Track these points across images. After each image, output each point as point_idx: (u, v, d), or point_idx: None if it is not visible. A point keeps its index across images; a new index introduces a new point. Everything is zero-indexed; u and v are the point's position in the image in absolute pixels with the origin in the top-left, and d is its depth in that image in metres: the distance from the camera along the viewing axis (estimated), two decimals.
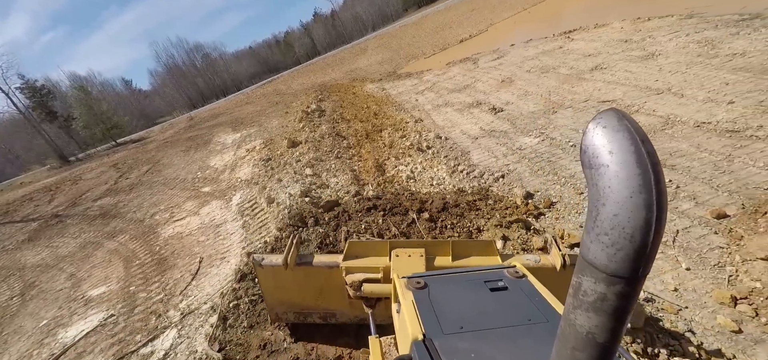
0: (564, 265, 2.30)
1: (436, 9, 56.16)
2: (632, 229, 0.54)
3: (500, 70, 12.04)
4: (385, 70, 23.24)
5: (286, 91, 27.75)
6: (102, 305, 4.78)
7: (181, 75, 73.10)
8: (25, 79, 35.62)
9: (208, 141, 15.04)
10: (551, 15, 21.46)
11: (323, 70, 35.80)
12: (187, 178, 9.86)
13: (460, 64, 16.29)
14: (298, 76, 38.99)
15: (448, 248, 2.44)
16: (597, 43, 10.99)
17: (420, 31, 35.57)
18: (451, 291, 1.53)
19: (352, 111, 12.31)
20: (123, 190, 11.08)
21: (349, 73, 27.18)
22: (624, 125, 0.55)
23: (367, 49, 38.89)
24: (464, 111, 9.38)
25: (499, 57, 14.24)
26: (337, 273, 2.63)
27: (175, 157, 13.87)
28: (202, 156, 12.07)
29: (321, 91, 19.10)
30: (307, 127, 10.32)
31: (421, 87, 14.14)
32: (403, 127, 9.17)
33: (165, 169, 12.06)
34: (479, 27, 26.78)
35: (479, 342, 1.23)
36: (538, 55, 12.19)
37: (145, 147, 21.38)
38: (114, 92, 65.40)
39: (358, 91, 18.10)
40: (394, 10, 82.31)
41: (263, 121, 15.20)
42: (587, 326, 0.64)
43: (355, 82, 22.42)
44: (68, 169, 22.90)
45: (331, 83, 23.81)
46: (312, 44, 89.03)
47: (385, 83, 18.00)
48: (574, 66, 9.70)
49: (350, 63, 32.99)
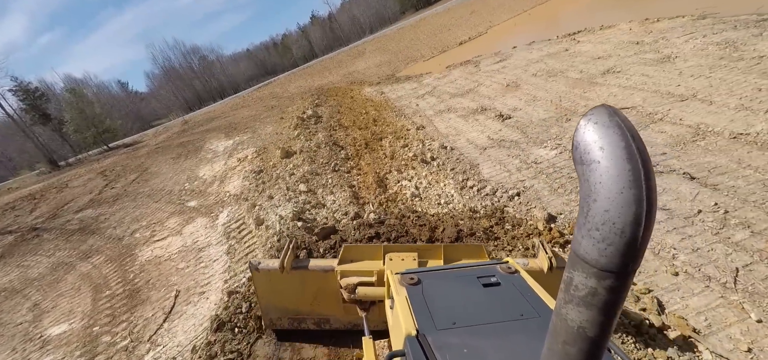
0: (551, 267, 2.39)
1: (434, 11, 55.64)
2: (623, 224, 0.54)
3: (504, 74, 11.51)
4: (383, 73, 22.70)
5: (282, 94, 27.15)
6: (58, 352, 4.15)
7: (177, 77, 72.16)
8: (17, 81, 34.84)
9: (200, 148, 14.40)
10: (552, 17, 21.01)
11: (321, 73, 35.23)
12: (173, 189, 9.24)
13: (461, 67, 15.77)
14: (295, 79, 38.38)
15: (440, 252, 2.49)
16: (606, 45, 10.48)
17: (418, 34, 35.07)
18: (444, 287, 1.51)
19: (350, 117, 11.73)
20: (106, 202, 10.43)
21: (347, 76, 26.62)
22: (615, 122, 0.56)
23: (365, 51, 38.35)
24: (469, 117, 8.83)
25: (502, 60, 13.73)
26: (332, 278, 2.66)
27: (165, 164, 13.22)
28: (192, 165, 11.45)
29: (318, 95, 18.51)
30: (303, 135, 9.70)
31: (421, 91, 13.59)
32: (404, 135, 8.59)
33: (152, 179, 11.43)
34: (478, 29, 26.32)
35: (472, 337, 1.22)
36: (543, 57, 11.67)
37: (137, 152, 20.68)
38: (110, 95, 64.53)
39: (356, 94, 17.53)
40: (391, 12, 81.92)
41: (257, 127, 14.59)
42: (578, 321, 0.64)
43: (352, 85, 21.87)
44: (58, 175, 22.15)
45: (329, 86, 23.24)
46: (309, 47, 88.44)
47: (384, 87, 17.45)
48: (584, 69, 9.18)
49: (348, 66, 32.44)
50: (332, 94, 18.85)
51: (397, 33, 45.71)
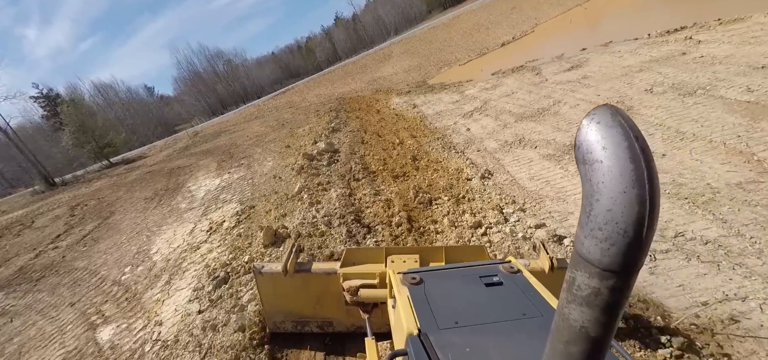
0: (552, 267, 2.42)
1: (468, 8, 51.53)
2: (626, 224, 0.53)
3: (592, 88, 8.28)
4: (413, 80, 19.80)
5: (299, 103, 24.72)
6: None
7: (200, 82, 71.85)
8: (39, 88, 34.45)
9: (181, 185, 11.45)
10: (616, 13, 17.33)
11: (343, 79, 32.66)
12: (108, 276, 6.20)
13: (514, 74, 12.61)
14: (315, 86, 36.03)
15: (442, 254, 2.47)
16: (760, 48, 7.06)
17: (451, 34, 31.82)
18: (446, 286, 1.51)
19: (379, 150, 8.71)
20: (28, 278, 7.31)
21: (372, 82, 23.86)
22: (618, 121, 0.55)
23: (392, 54, 35.46)
24: (564, 159, 5.73)
25: (576, 66, 10.46)
26: (335, 280, 2.65)
27: (132, 210, 10.36)
28: (157, 221, 8.52)
29: (337, 110, 15.73)
30: (306, 193, 6.32)
31: (466, 107, 10.56)
32: (467, 195, 5.52)
33: (103, 238, 8.46)
34: (522, 28, 22.90)
35: (474, 336, 1.20)
36: (650, 64, 8.34)
37: (127, 175, 18.12)
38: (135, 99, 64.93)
39: (382, 107, 14.70)
40: (417, 12, 78.74)
41: (256, 157, 11.70)
42: (581, 320, 0.63)
43: (378, 93, 19.07)
44: (51, 195, 20.00)
45: (351, 96, 20.56)
46: (333, 49, 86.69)
47: (416, 97, 14.52)
48: (752, 86, 5.84)
49: (373, 71, 29.67)
50: (354, 108, 16.06)
51: (427, 33, 42.47)
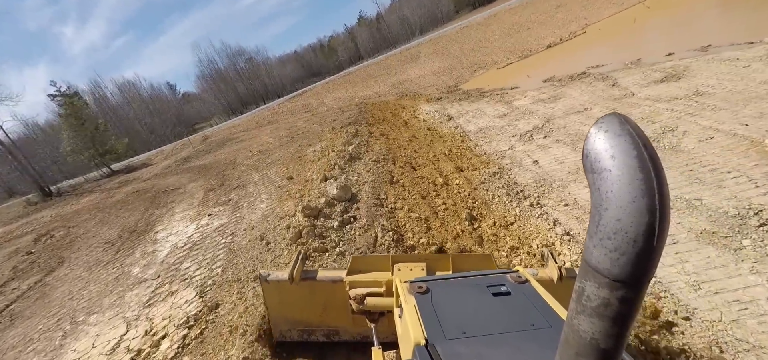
0: (560, 277, 2.36)
1: (507, 6, 47.83)
2: (635, 233, 0.52)
3: (724, 111, 5.76)
4: (443, 84, 17.47)
5: (317, 108, 22.80)
6: None
7: (221, 80, 71.63)
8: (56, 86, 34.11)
9: (152, 225, 9.02)
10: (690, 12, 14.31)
11: (365, 81, 30.56)
12: None
13: (576, 83, 10.12)
14: (335, 88, 34.08)
15: (449, 262, 2.43)
16: None
17: (487, 34, 29.13)
18: (453, 295, 1.48)
19: (416, 198, 5.90)
20: None
21: (397, 86, 21.65)
22: (626, 130, 0.54)
23: (419, 55, 33.07)
24: (745, 246, 3.35)
25: (670, 76, 7.91)
26: (341, 288, 2.60)
27: (82, 260, 7.98)
28: (94, 296, 5.60)
29: (357, 123, 13.53)
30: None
31: (520, 124, 8.20)
32: None
33: (16, 323, 5.85)
34: (570, 28, 20.09)
35: (482, 347, 1.18)
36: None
37: (113, 195, 15.93)
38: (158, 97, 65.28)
39: (409, 117, 12.46)
40: (445, 11, 75.82)
41: (250, 190, 8.92)
42: (591, 332, 0.62)
43: (404, 99, 16.83)
44: (38, 210, 18.35)
45: (374, 101, 18.42)
46: (355, 49, 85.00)
47: (449, 106, 12.22)
48: None
49: (398, 72, 27.41)
50: (378, 118, 13.86)
51: (459, 32, 39.71)
